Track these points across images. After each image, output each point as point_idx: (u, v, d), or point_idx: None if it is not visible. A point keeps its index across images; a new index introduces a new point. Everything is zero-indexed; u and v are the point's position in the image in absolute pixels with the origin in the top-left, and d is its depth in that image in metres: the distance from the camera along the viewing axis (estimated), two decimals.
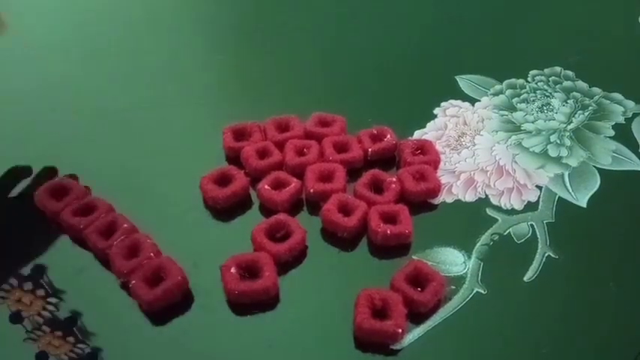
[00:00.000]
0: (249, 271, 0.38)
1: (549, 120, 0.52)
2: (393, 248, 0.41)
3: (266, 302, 0.38)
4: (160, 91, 0.56)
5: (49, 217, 0.42)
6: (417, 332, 0.36)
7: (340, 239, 0.41)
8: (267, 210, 0.43)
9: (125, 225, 0.40)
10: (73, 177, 0.45)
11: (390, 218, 0.41)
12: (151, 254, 0.38)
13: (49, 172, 0.46)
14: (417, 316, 0.37)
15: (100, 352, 0.35)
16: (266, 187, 0.43)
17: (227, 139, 0.48)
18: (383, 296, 0.36)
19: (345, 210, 0.42)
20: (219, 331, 0.37)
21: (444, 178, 0.46)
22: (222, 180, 0.44)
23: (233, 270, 0.38)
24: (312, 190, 0.43)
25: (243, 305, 0.37)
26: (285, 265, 0.39)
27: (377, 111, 0.52)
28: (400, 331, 0.35)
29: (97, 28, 0.64)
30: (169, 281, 0.37)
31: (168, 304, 0.37)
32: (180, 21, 0.66)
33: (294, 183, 0.44)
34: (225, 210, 0.43)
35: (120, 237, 0.39)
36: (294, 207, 0.43)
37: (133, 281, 0.37)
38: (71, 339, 0.35)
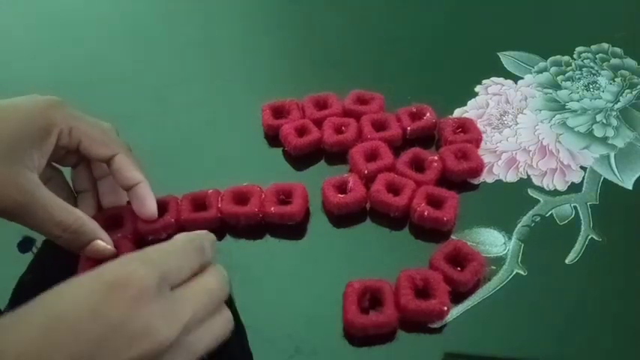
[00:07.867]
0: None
1: (595, 99, 0.51)
2: (431, 229, 0.41)
3: None
4: (199, 69, 0.56)
5: None
6: (455, 311, 0.36)
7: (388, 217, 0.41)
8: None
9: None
10: None
11: (436, 201, 0.41)
12: None
13: None
14: (456, 295, 0.37)
15: None
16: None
17: (266, 117, 0.48)
18: (423, 276, 0.36)
19: (394, 189, 0.42)
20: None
21: (485, 158, 0.45)
22: (341, 186, 0.43)
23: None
24: (366, 172, 0.43)
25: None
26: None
27: (416, 88, 0.51)
28: (445, 308, 0.35)
29: (134, 5, 0.65)
30: None
31: None
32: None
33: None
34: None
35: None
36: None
37: None
38: None
